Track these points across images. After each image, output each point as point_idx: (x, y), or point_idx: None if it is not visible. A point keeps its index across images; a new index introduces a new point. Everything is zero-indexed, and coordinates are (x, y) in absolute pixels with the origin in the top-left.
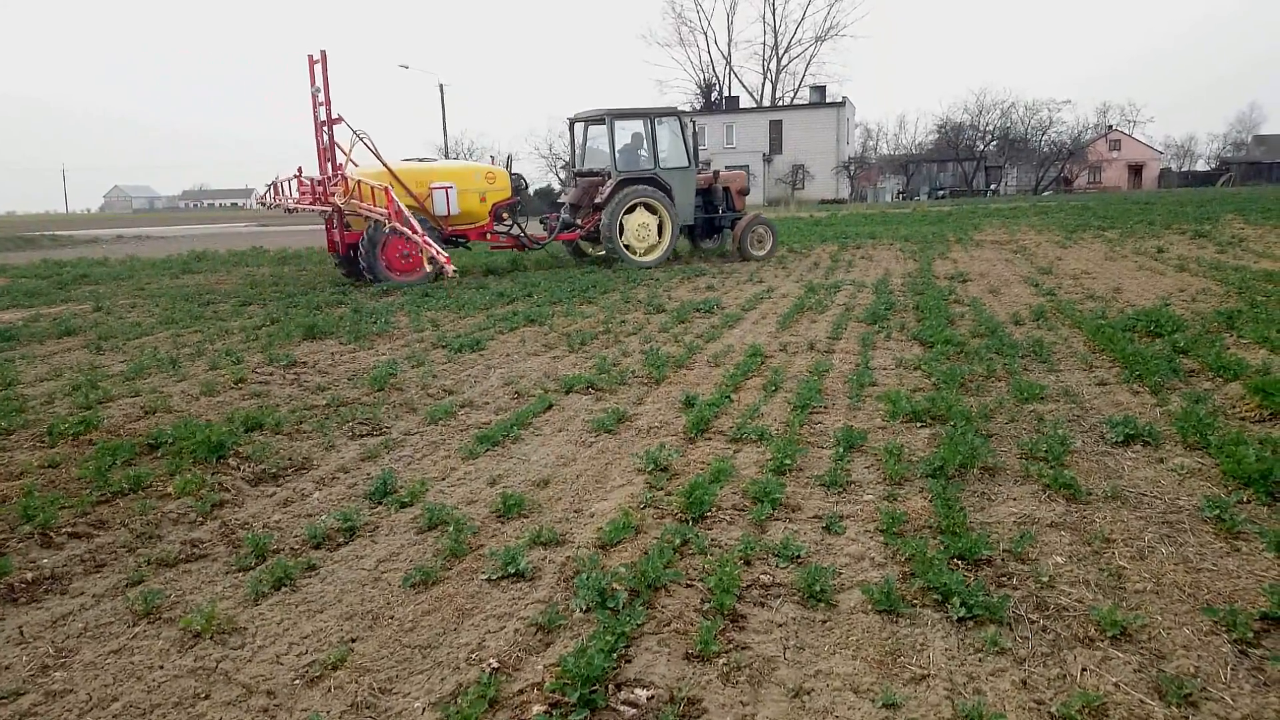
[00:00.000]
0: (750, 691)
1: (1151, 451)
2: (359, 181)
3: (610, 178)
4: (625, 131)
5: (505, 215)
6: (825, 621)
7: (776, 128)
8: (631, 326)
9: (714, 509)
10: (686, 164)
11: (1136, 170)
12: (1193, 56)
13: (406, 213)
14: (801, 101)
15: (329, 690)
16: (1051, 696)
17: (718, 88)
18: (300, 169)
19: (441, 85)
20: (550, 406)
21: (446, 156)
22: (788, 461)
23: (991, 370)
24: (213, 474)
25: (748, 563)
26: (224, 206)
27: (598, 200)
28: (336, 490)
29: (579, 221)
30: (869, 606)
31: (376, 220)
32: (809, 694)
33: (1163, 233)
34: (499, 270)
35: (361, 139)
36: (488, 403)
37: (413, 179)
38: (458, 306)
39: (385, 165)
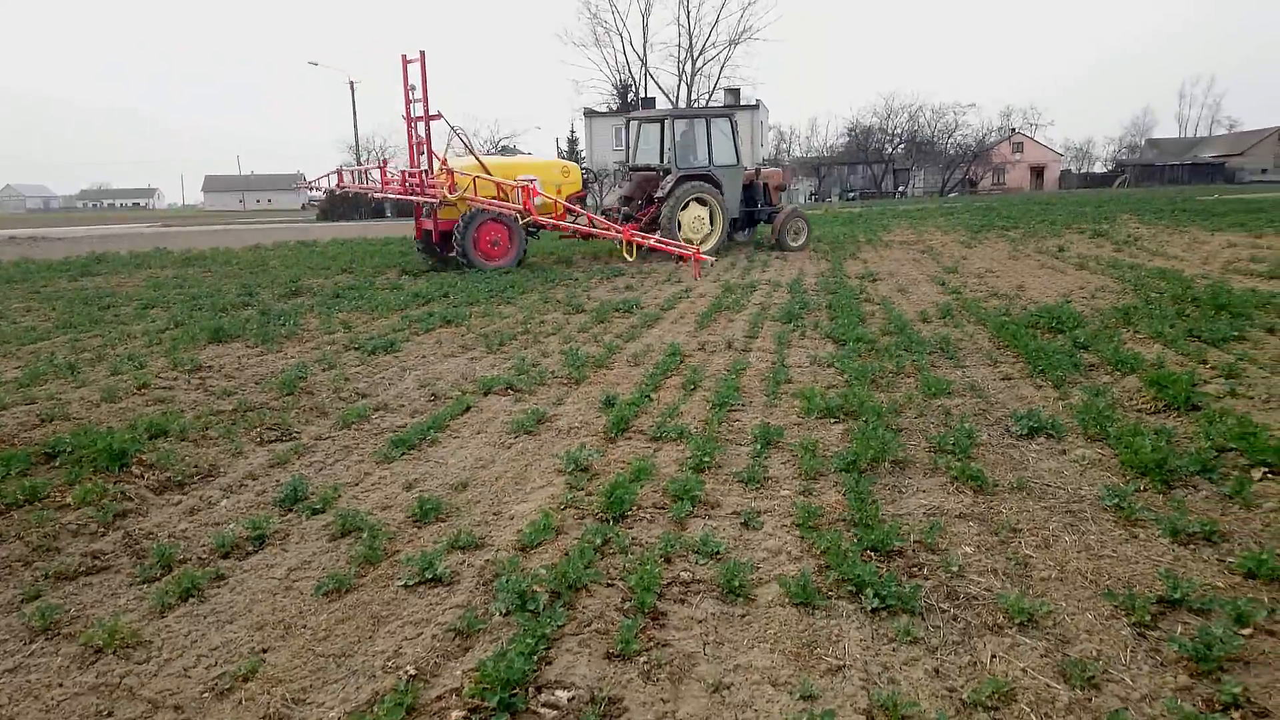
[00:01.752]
0: (671, 688)
1: (1054, 443)
2: (494, 178)
3: (669, 173)
4: (679, 130)
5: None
6: (744, 616)
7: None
8: (551, 327)
9: (635, 508)
10: (735, 161)
11: (1038, 172)
12: (1090, 62)
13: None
14: (717, 103)
15: (240, 702)
16: (963, 684)
17: (634, 89)
18: (385, 161)
19: (352, 83)
20: (468, 408)
21: (357, 156)
22: (707, 459)
23: (901, 367)
24: (115, 483)
25: (668, 560)
26: (126, 207)
27: (657, 194)
28: (245, 498)
29: (636, 215)
30: (786, 600)
31: (479, 209)
32: (729, 689)
33: (1063, 232)
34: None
35: (459, 134)
36: (403, 405)
37: (502, 172)
38: (371, 308)
39: (478, 159)
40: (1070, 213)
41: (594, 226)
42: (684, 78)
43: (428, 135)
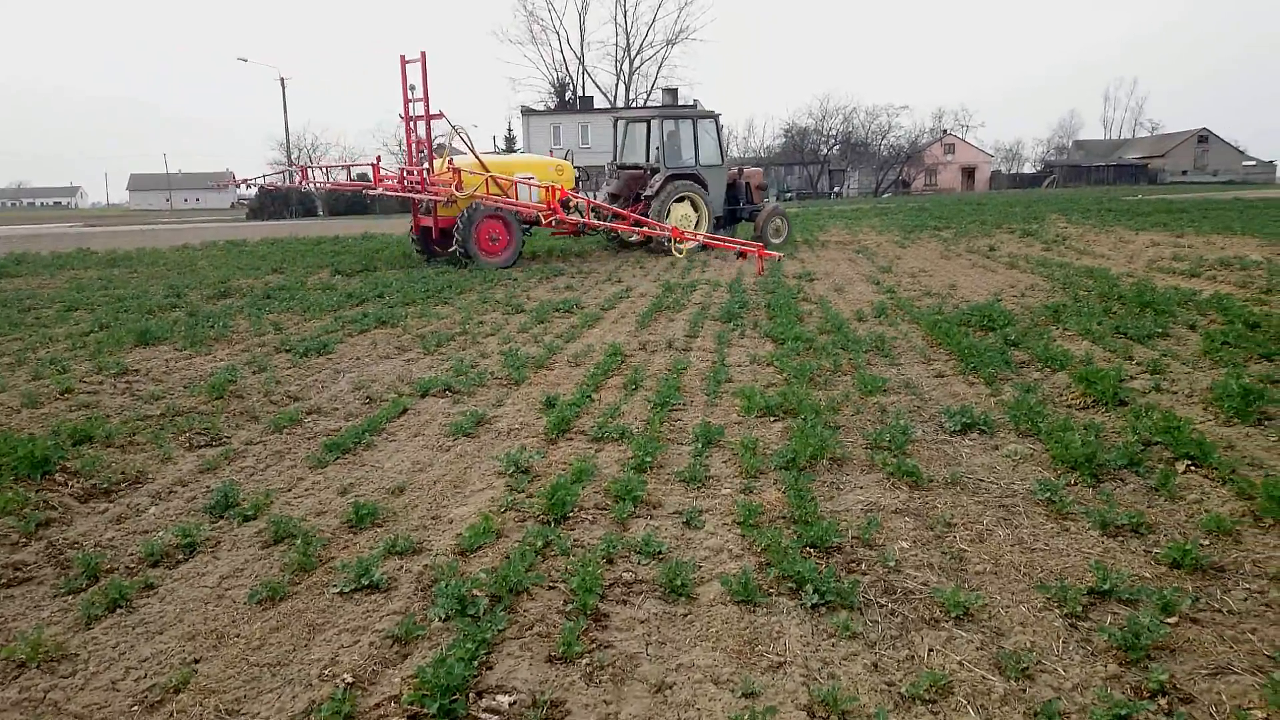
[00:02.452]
0: (613, 690)
1: (987, 439)
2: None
3: (657, 172)
4: (666, 130)
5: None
6: (686, 615)
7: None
8: (490, 327)
9: (576, 509)
10: (719, 162)
11: (969, 173)
12: (1019, 64)
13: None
14: (655, 103)
15: (170, 715)
16: (901, 678)
17: (571, 87)
18: (379, 158)
19: (283, 79)
20: (405, 411)
21: (288, 153)
22: (649, 459)
23: (838, 365)
24: (37, 491)
25: (610, 561)
26: (47, 206)
27: (646, 192)
28: (174, 505)
29: (624, 211)
30: (728, 598)
31: (491, 205)
32: (671, 688)
33: (993, 232)
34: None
35: (459, 133)
36: (337, 409)
37: (501, 170)
38: (303, 309)
39: (477, 157)
40: (1000, 213)
41: (636, 226)
42: (622, 77)
43: (428, 134)
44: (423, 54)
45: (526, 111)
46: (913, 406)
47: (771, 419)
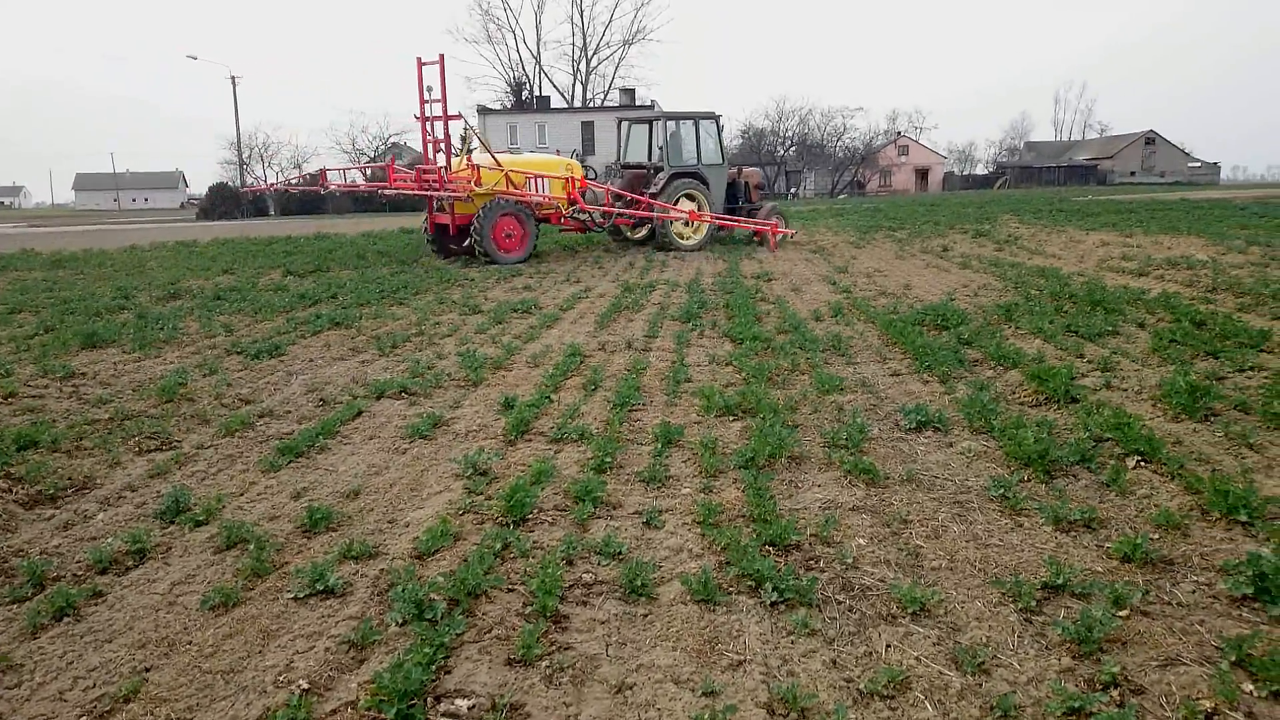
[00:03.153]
0: (573, 692)
1: (942, 436)
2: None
3: (659, 171)
4: (669, 131)
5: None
6: (646, 615)
7: (589, 129)
8: (446, 328)
9: (536, 511)
10: (720, 161)
11: (923, 174)
12: (972, 67)
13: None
14: (612, 103)
15: None
16: (860, 674)
17: (528, 87)
18: (393, 158)
19: (233, 78)
20: (359, 413)
21: (239, 153)
22: (608, 459)
23: (796, 364)
24: None
25: (570, 563)
26: None
27: (651, 190)
28: (123, 510)
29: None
30: (688, 597)
31: (510, 202)
32: (631, 689)
33: (947, 232)
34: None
35: (475, 134)
36: (290, 411)
37: (515, 168)
38: (254, 310)
39: (493, 156)
40: (954, 213)
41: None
42: (579, 76)
43: (446, 135)
44: (440, 57)
45: (483, 110)
46: (869, 405)
47: (731, 418)
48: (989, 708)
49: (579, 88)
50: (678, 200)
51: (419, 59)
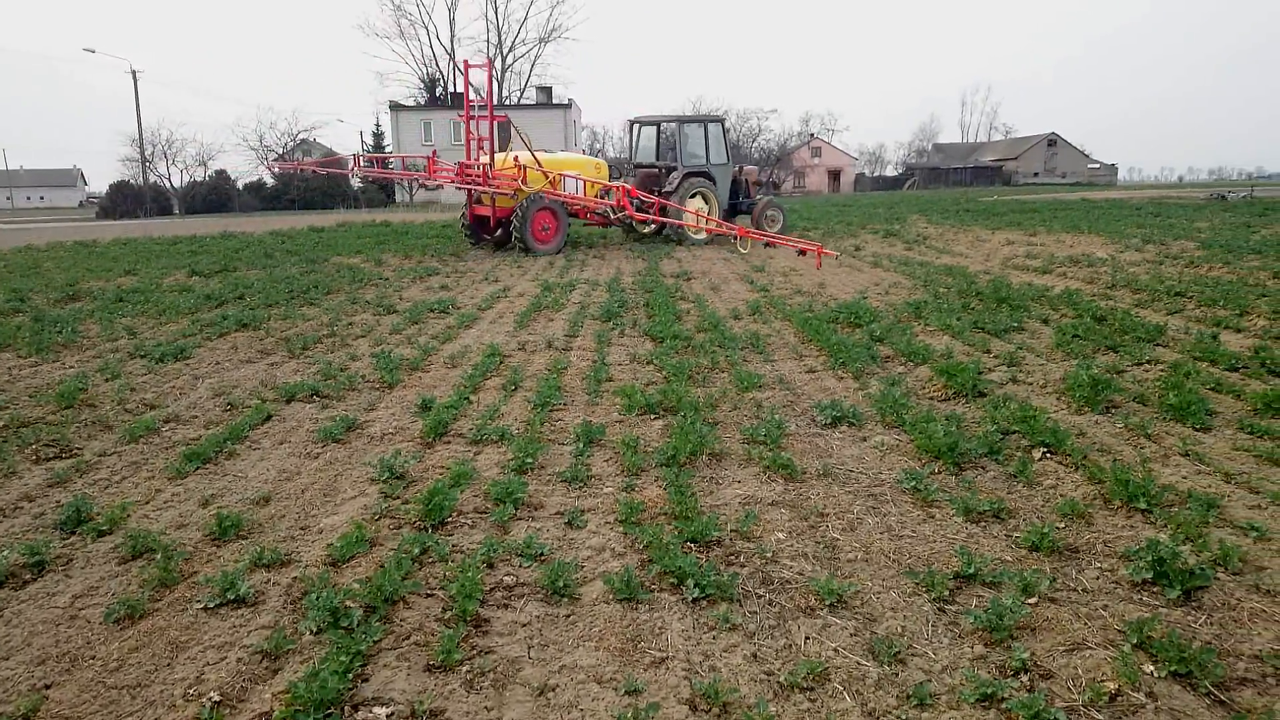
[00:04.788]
0: (495, 695)
1: (856, 431)
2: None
3: (672, 171)
4: (682, 132)
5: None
6: (569, 616)
7: (504, 126)
8: (360, 329)
9: (455, 514)
10: (726, 160)
11: (835, 175)
12: (881, 69)
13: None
14: (529, 101)
15: None
16: (780, 666)
17: (442, 83)
18: (435, 152)
19: (134, 72)
20: (269, 417)
21: (141, 150)
22: (529, 460)
23: (715, 362)
24: None
25: (491, 566)
26: None
27: (666, 188)
28: (20, 521)
29: (648, 208)
30: (610, 596)
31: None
32: (554, 690)
33: (859, 232)
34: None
35: (520, 135)
36: (196, 416)
37: (552, 167)
38: (158, 312)
39: (533, 155)
40: (865, 214)
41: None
42: (494, 74)
43: (491, 134)
44: (489, 60)
45: (395, 107)
46: (786, 401)
47: (652, 417)
48: (905, 697)
49: (495, 85)
50: (690, 198)
51: (465, 61)
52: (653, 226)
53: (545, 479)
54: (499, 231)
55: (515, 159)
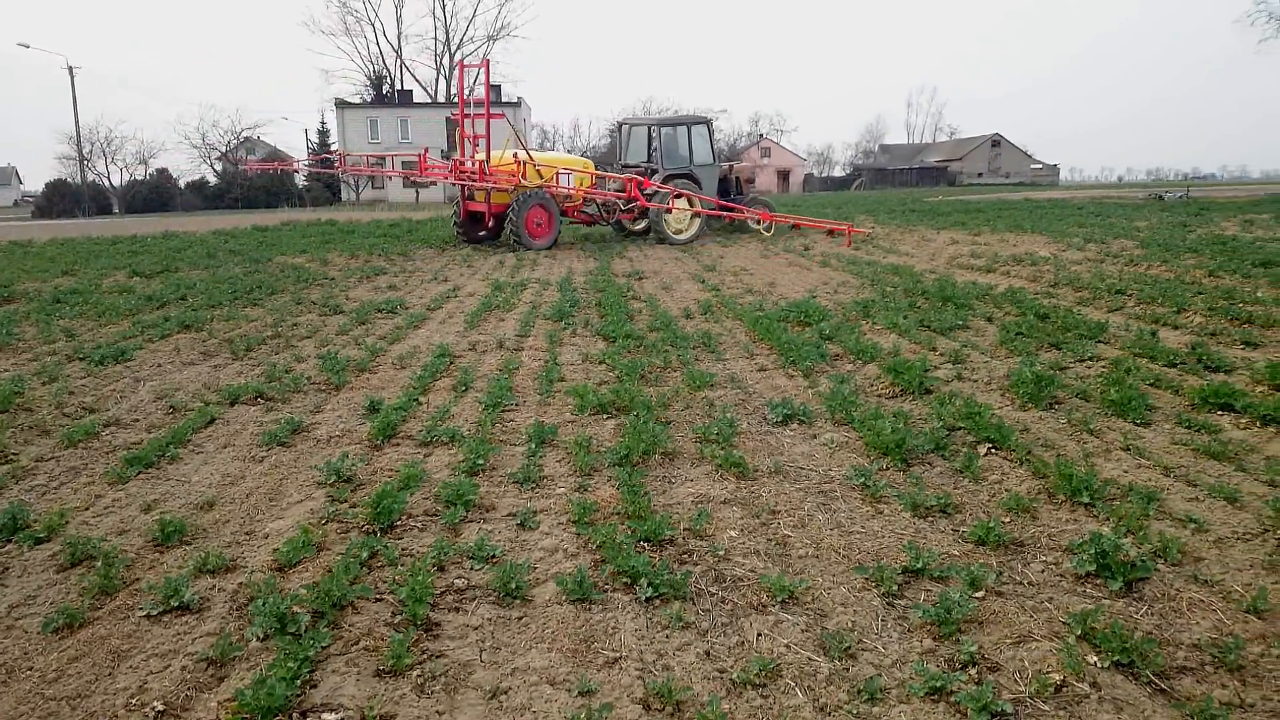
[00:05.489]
0: (446, 699)
1: (806, 429)
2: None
3: (656, 173)
4: (664, 135)
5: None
6: (521, 618)
7: (453, 124)
8: (305, 330)
9: (404, 517)
10: (711, 161)
11: (784, 175)
12: (829, 70)
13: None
14: (477, 98)
15: None
16: (732, 664)
17: (389, 81)
18: (426, 150)
19: (71, 68)
20: (213, 420)
21: (79, 147)
22: (481, 461)
23: (668, 361)
24: None
25: (441, 569)
26: None
27: (648, 190)
28: None
29: (633, 205)
30: (563, 597)
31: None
32: (506, 693)
33: (807, 232)
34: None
35: (516, 134)
36: (138, 420)
37: (547, 164)
38: (98, 313)
39: (529, 155)
40: (813, 214)
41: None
42: (442, 71)
43: (488, 132)
44: (485, 61)
45: (341, 104)
46: (738, 400)
47: (604, 416)
48: (856, 692)
49: (442, 82)
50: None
51: (461, 62)
52: (642, 224)
53: (497, 480)
54: (494, 226)
55: (515, 156)
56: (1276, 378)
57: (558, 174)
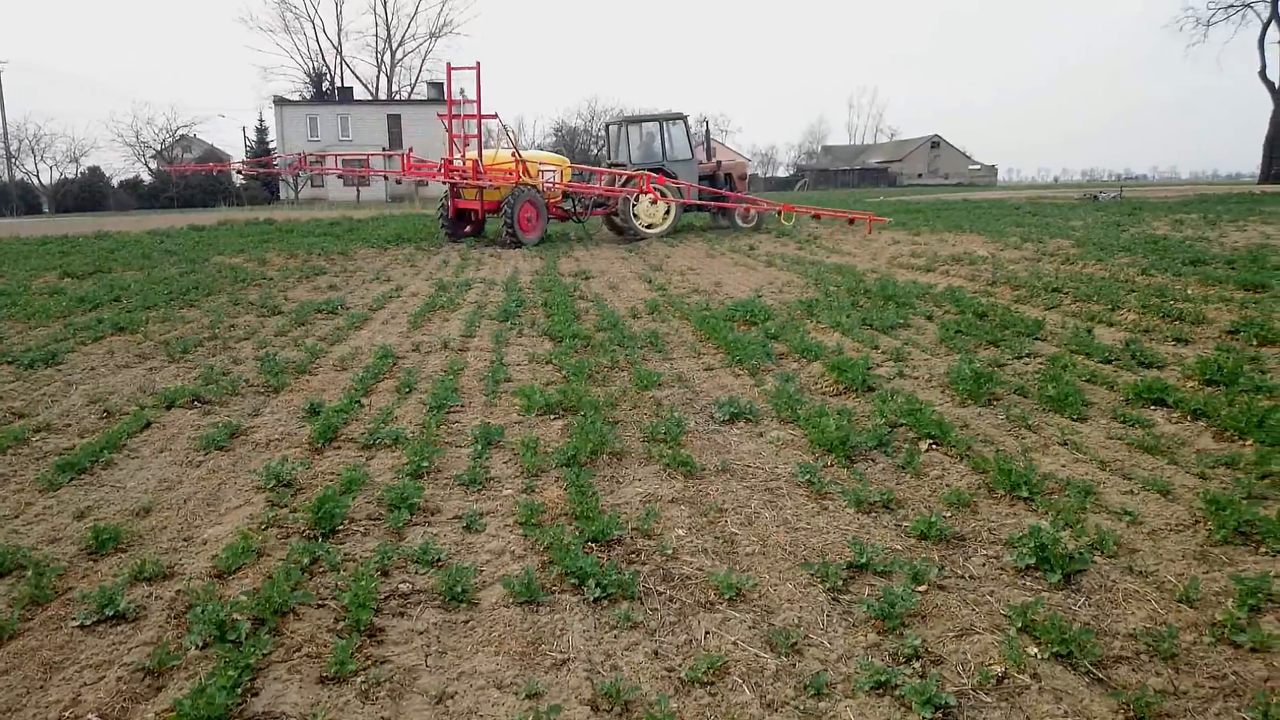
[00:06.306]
0: (391, 705)
1: (753, 427)
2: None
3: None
4: (643, 131)
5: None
6: (467, 622)
7: (395, 122)
8: (243, 331)
9: (347, 521)
10: (690, 156)
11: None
12: (771, 71)
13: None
14: (419, 97)
15: None
16: (681, 662)
17: (329, 78)
18: (411, 149)
19: None
20: (148, 424)
21: (5, 145)
22: (425, 464)
23: (615, 361)
24: None
25: (385, 573)
26: None
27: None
28: None
29: (608, 202)
30: (510, 600)
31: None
32: (453, 698)
33: (752, 233)
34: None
35: (508, 132)
36: (69, 425)
37: (533, 162)
38: (26, 315)
39: (517, 152)
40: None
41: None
42: (383, 68)
43: (479, 132)
44: (477, 64)
45: (280, 101)
46: (685, 399)
47: (551, 417)
48: (803, 687)
49: (384, 80)
50: (642, 194)
51: (449, 64)
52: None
53: (442, 483)
54: (477, 224)
55: (513, 154)
56: (1206, 373)
57: (541, 171)
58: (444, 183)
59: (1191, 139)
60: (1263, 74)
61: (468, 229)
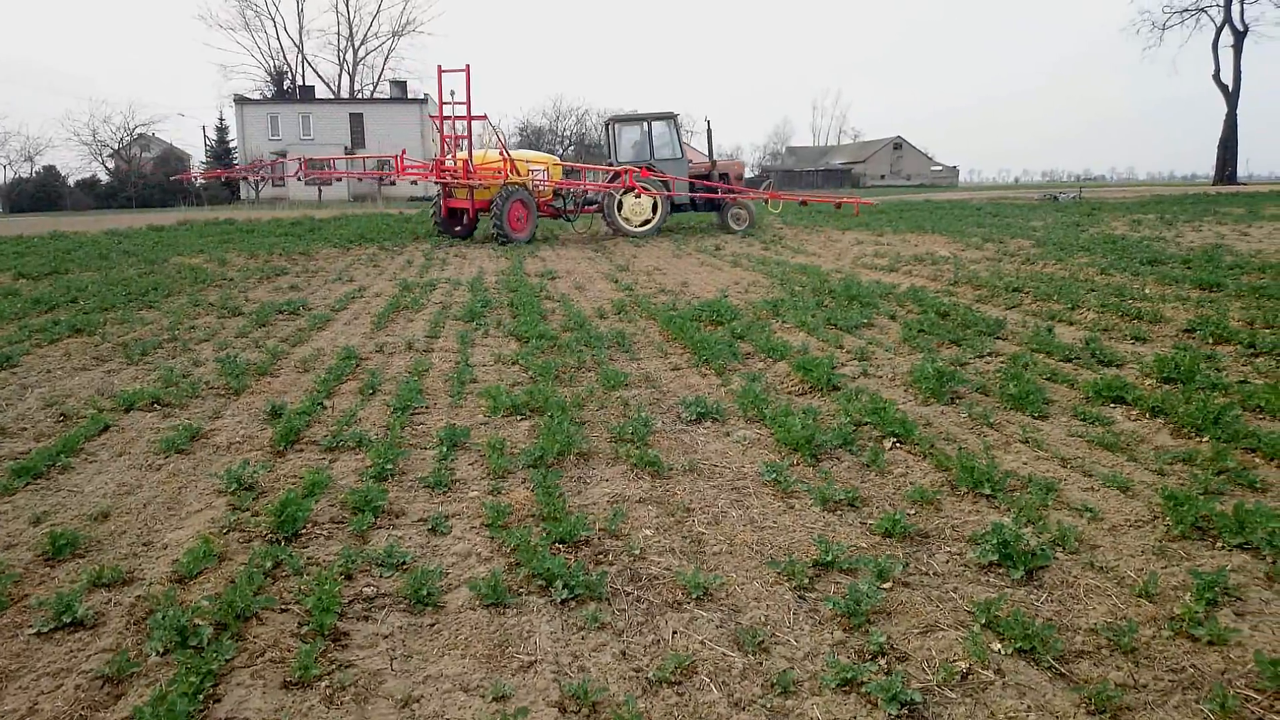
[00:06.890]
0: (357, 710)
1: (719, 426)
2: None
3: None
4: (634, 131)
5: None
6: (433, 625)
7: (358, 121)
8: (203, 332)
9: (309, 525)
10: (680, 155)
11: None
12: (735, 73)
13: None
14: (382, 96)
15: None
16: (648, 662)
17: (290, 76)
18: (404, 151)
19: None
20: (106, 428)
21: None
22: (389, 466)
23: (582, 361)
24: None
25: (349, 577)
26: None
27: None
28: None
29: (600, 200)
30: (477, 602)
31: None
32: (419, 701)
33: (718, 233)
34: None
35: (498, 132)
36: (25, 429)
37: (522, 161)
38: None
39: (506, 152)
40: None
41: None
42: (345, 67)
43: (468, 132)
44: (467, 66)
45: (240, 100)
46: (653, 399)
47: (518, 418)
48: (770, 685)
49: (346, 78)
50: (625, 193)
51: (439, 66)
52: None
53: (407, 485)
54: (469, 223)
55: (503, 154)
56: (1164, 371)
57: (531, 170)
58: (436, 183)
59: (1148, 141)
60: (1216, 77)
61: (458, 228)
